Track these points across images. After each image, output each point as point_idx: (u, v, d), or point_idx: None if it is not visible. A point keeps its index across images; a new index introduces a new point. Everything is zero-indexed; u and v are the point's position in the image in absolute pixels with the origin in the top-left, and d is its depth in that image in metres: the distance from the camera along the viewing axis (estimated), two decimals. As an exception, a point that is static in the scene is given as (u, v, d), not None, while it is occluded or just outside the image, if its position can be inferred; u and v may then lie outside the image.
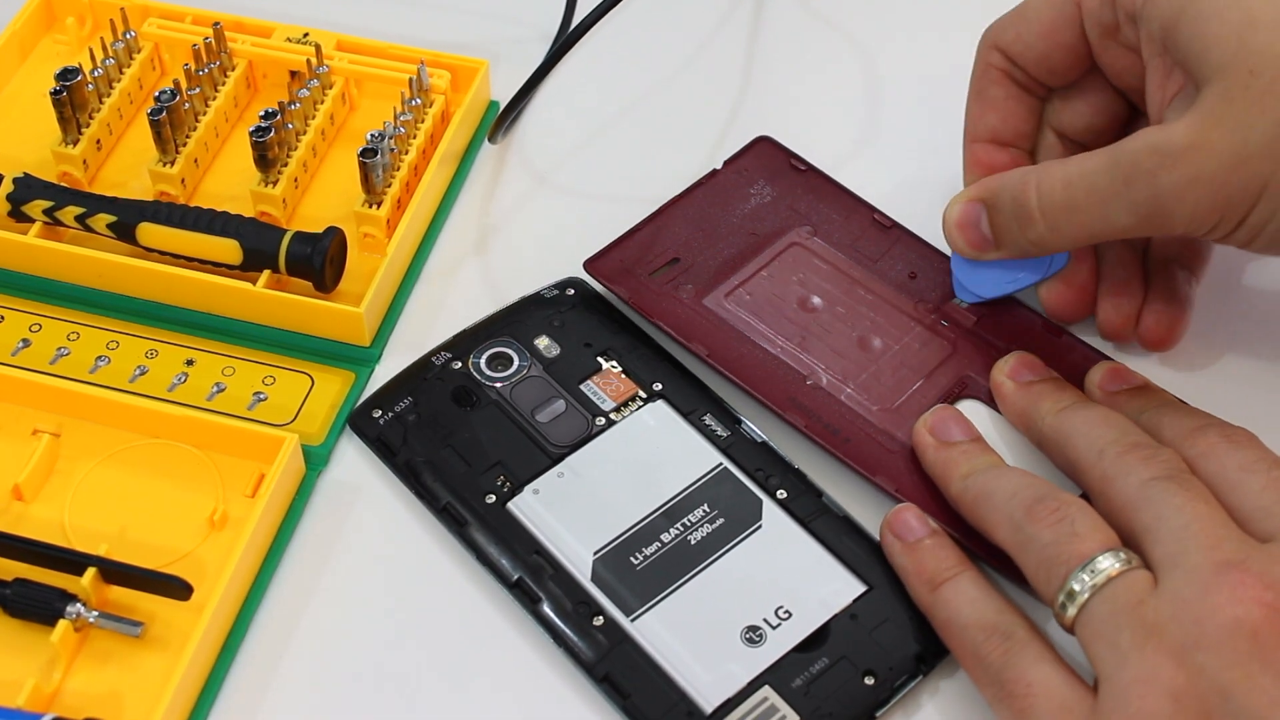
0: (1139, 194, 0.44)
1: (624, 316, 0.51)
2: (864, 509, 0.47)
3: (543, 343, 0.50)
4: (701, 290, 0.51)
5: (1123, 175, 0.44)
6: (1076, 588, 0.40)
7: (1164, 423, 0.45)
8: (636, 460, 0.47)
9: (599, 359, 0.50)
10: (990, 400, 0.48)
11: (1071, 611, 0.40)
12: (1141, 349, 0.51)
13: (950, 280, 0.51)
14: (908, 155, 0.57)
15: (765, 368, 0.49)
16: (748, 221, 0.53)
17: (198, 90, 0.55)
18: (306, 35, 0.58)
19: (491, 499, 0.46)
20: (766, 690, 0.42)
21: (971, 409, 0.48)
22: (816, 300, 0.51)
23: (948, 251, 0.52)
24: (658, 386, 0.49)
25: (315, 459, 0.49)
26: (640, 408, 0.49)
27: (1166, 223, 0.45)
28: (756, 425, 0.48)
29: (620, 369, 0.50)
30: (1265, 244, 0.45)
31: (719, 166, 0.55)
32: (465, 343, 0.50)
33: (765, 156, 0.55)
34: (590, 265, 0.51)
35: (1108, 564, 0.40)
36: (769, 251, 0.52)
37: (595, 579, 0.45)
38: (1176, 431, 0.44)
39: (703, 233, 0.53)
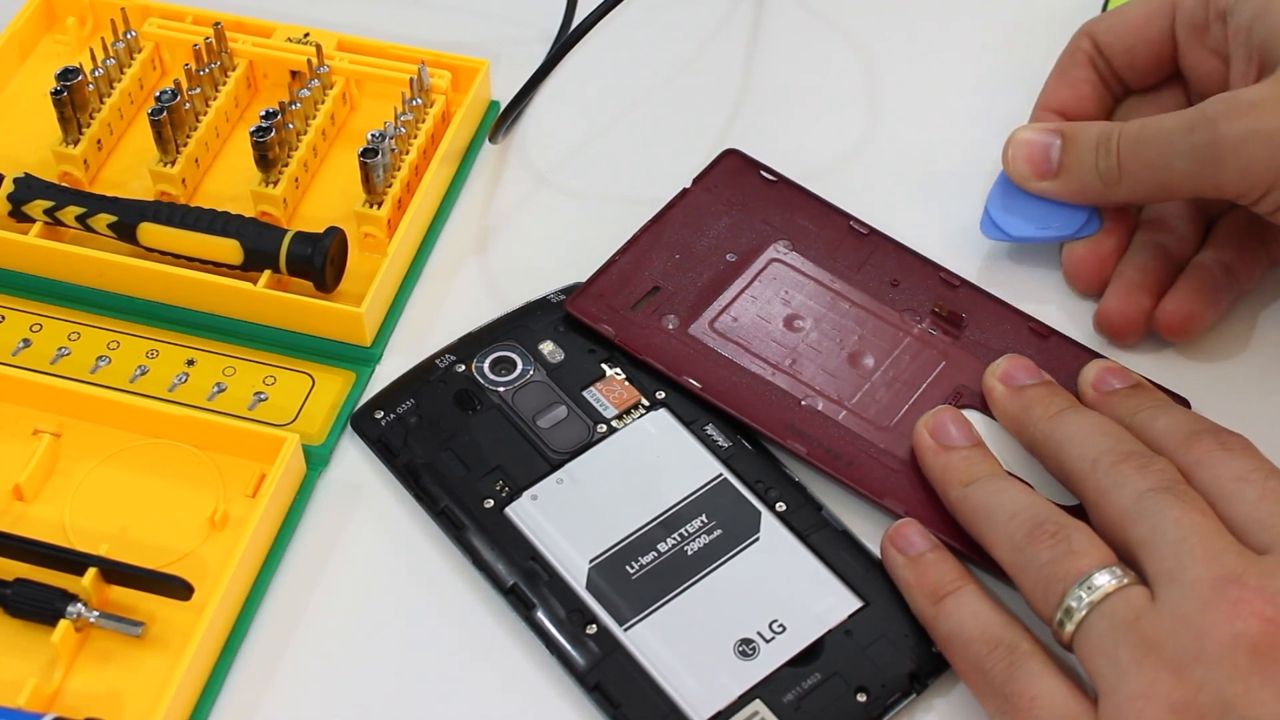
0: (1200, 138, 0.46)
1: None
2: (864, 523, 0.47)
3: (547, 348, 0.50)
4: (686, 319, 0.51)
5: (1189, 121, 0.47)
6: (1074, 604, 0.40)
7: (1157, 427, 0.45)
8: (636, 469, 0.47)
9: (603, 365, 0.50)
10: (986, 408, 0.48)
11: (1069, 628, 0.40)
12: (1131, 348, 0.52)
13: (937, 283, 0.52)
14: (906, 157, 0.57)
15: (759, 395, 0.49)
16: (724, 240, 0.53)
17: (198, 90, 0.55)
18: (307, 35, 0.58)
19: (490, 504, 0.47)
20: (757, 704, 0.42)
21: (968, 419, 0.48)
22: (802, 318, 0.51)
23: (929, 255, 0.53)
24: (660, 395, 0.49)
25: (316, 459, 0.49)
26: (642, 416, 0.49)
27: (1219, 175, 0.46)
28: (758, 437, 0.48)
29: (623, 376, 0.50)
30: None
31: (688, 185, 0.54)
32: (469, 346, 0.51)
33: (734, 170, 0.55)
34: (572, 305, 0.51)
35: (1104, 580, 0.40)
36: (749, 271, 0.52)
37: (590, 587, 0.45)
38: (1170, 438, 0.44)
39: (680, 257, 0.52)
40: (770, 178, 0.55)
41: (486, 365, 0.50)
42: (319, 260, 0.51)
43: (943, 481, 0.46)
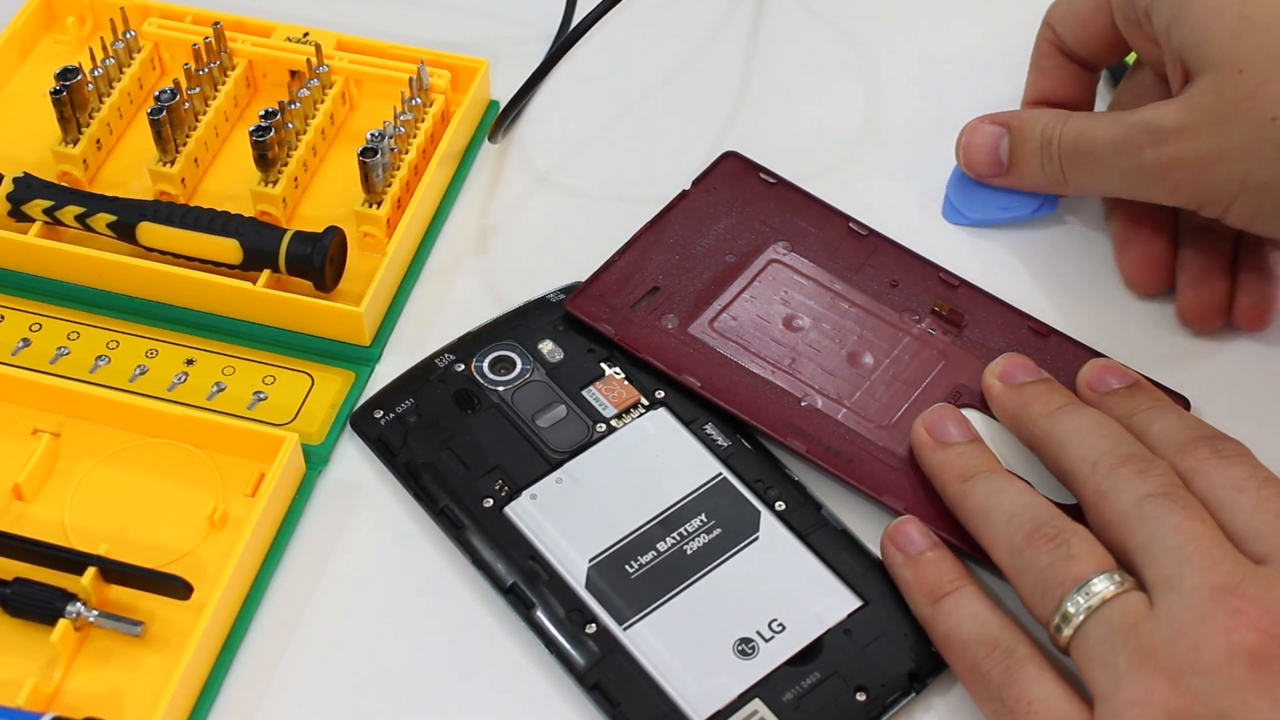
0: (1125, 162, 0.48)
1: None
2: (864, 523, 0.47)
3: (546, 347, 0.50)
4: (686, 319, 0.51)
5: (1116, 142, 0.48)
6: (1071, 610, 0.40)
7: (1154, 431, 0.44)
8: (635, 468, 0.47)
9: (602, 365, 0.50)
10: (986, 407, 0.48)
11: (1066, 633, 0.40)
12: (1132, 347, 0.51)
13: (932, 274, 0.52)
14: (905, 158, 0.57)
15: (759, 394, 0.49)
16: (723, 241, 0.53)
17: (198, 90, 0.55)
18: (306, 35, 0.58)
19: (489, 503, 0.47)
20: (757, 703, 0.42)
21: (967, 417, 0.48)
22: (802, 318, 0.51)
23: (928, 255, 0.53)
24: (660, 394, 0.49)
25: (315, 458, 0.49)
26: (641, 415, 0.49)
27: (1151, 194, 0.48)
28: (758, 436, 0.48)
29: (623, 375, 0.50)
30: (1263, 230, 0.47)
31: (688, 187, 0.54)
32: (468, 345, 0.51)
33: (733, 172, 0.55)
34: (572, 304, 0.51)
35: (1102, 586, 0.40)
36: (748, 272, 0.52)
37: (589, 586, 0.45)
38: (1166, 443, 0.44)
39: (680, 257, 0.52)
40: (769, 179, 0.55)
41: (486, 365, 0.50)
42: (318, 260, 0.51)
43: (941, 478, 0.46)
